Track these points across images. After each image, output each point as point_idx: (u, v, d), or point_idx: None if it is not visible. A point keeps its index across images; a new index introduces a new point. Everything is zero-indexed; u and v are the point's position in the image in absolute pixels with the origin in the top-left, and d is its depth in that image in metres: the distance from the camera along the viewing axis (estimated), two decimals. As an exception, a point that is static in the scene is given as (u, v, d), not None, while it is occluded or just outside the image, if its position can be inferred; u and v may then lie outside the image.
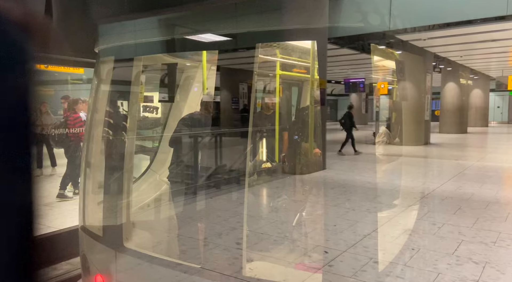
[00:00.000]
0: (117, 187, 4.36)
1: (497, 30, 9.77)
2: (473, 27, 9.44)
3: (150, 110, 6.94)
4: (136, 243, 3.56)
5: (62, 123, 5.80)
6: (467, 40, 11.51)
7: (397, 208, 4.82)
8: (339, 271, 2.97)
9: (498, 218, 4.37)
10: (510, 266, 3.04)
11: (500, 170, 7.95)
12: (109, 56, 4.29)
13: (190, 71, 5.70)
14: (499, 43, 11.83)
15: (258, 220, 4.46)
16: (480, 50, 13.39)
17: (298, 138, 7.24)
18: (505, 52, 13.83)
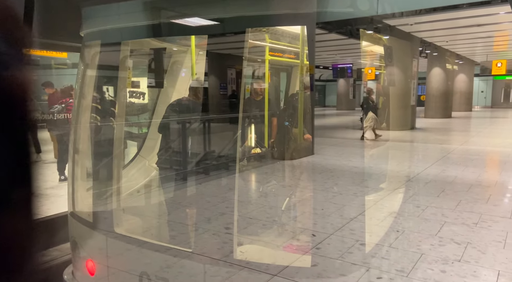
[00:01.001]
0: (107, 173, 4.30)
1: (482, 15, 9.85)
2: (459, 11, 9.50)
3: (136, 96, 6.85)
4: (127, 229, 3.58)
5: (63, 109, 5.83)
6: (453, 25, 11.60)
7: (383, 191, 4.93)
8: (326, 253, 3.05)
9: (480, 200, 4.51)
10: (491, 246, 3.16)
11: (482, 154, 8.16)
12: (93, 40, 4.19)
13: (178, 56, 5.61)
14: (484, 28, 11.95)
15: (247, 205, 4.50)
16: (466, 35, 13.52)
17: (288, 123, 7.28)
18: (489, 37, 13.99)
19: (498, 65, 18.09)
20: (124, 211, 4.01)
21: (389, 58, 12.76)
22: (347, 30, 12.59)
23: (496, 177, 5.95)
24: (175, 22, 6.81)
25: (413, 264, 2.83)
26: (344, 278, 2.64)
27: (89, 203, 4.05)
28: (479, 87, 28.24)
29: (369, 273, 2.70)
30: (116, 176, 4.12)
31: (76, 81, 4.17)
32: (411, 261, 2.87)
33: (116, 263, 3.13)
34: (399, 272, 2.70)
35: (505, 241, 3.25)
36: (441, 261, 2.86)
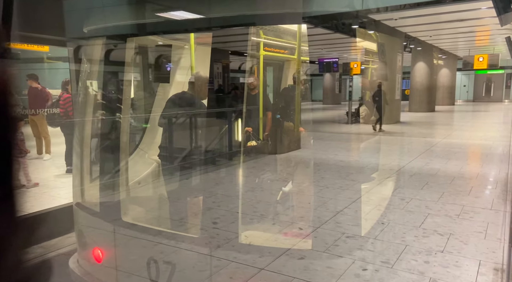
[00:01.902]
0: (113, 165, 4.46)
1: (464, 10, 10.02)
2: (442, 6, 9.64)
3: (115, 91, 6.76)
4: (133, 217, 3.63)
5: (55, 103, 5.79)
6: (436, 20, 11.76)
7: (368, 184, 5.00)
8: (313, 246, 3.08)
9: (462, 192, 4.62)
10: (473, 236, 3.25)
11: (464, 147, 8.35)
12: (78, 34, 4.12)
13: (176, 52, 5.60)
14: (466, 23, 12.16)
15: (234, 199, 4.51)
16: (448, 29, 13.73)
17: (281, 117, 7.36)
18: (471, 32, 14.25)
19: (480, 59, 18.46)
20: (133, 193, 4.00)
21: (383, 54, 12.98)
22: (333, 25, 12.63)
23: (478, 169, 6.10)
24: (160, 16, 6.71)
25: (398, 255, 2.89)
26: (331, 271, 2.67)
27: (96, 194, 4.21)
28: (461, 81, 28.79)
29: (355, 265, 2.75)
30: (120, 168, 4.35)
31: (80, 76, 4.25)
32: (395, 253, 2.93)
33: (123, 250, 3.22)
34: (384, 264, 2.75)
35: (486, 232, 3.34)
36: (425, 252, 2.93)
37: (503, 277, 2.52)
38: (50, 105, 5.99)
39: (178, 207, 4.31)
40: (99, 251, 3.05)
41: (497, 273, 2.60)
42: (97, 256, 3.02)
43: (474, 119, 15.25)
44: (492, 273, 2.61)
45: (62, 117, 5.79)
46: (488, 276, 2.56)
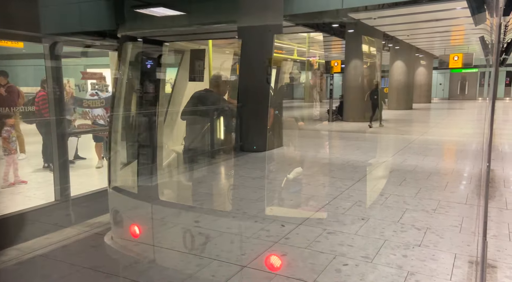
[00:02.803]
0: (149, 153, 5.22)
1: (440, 10, 10.29)
2: (419, 6, 9.88)
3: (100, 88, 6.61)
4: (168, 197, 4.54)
5: (30, 100, 5.62)
6: (413, 20, 12.04)
7: (349, 181, 5.08)
8: (295, 243, 3.11)
9: (438, 187, 4.76)
10: (448, 230, 3.36)
11: (440, 143, 8.59)
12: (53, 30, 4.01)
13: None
14: (442, 23, 12.50)
15: (217, 197, 4.50)
16: (425, 29, 14.08)
17: (279, 113, 7.65)
18: (447, 31, 14.65)
19: (455, 58, 19.01)
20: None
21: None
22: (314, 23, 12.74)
23: (453, 165, 6.29)
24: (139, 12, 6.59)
25: (377, 250, 2.95)
26: (312, 266, 2.71)
27: (133, 178, 5.06)
28: (437, 79, 29.58)
29: (336, 260, 2.79)
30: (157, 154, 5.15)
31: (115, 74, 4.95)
32: (375, 247, 2.99)
33: (158, 226, 3.61)
34: (364, 258, 2.81)
35: (461, 226, 3.46)
36: (403, 246, 3.01)
37: (478, 269, 2.62)
38: (21, 103, 5.81)
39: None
40: (134, 227, 3.59)
41: (472, 266, 2.70)
42: (133, 232, 3.52)
43: (450, 117, 15.71)
44: (467, 265, 2.71)
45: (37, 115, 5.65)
46: (463, 269, 2.66)
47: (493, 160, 6.30)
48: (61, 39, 4.02)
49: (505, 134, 9.50)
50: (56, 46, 3.94)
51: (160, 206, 4.12)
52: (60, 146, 4.13)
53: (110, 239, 3.25)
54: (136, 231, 3.52)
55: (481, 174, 5.05)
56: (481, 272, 2.29)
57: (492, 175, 5.38)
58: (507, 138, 8.84)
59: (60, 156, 4.14)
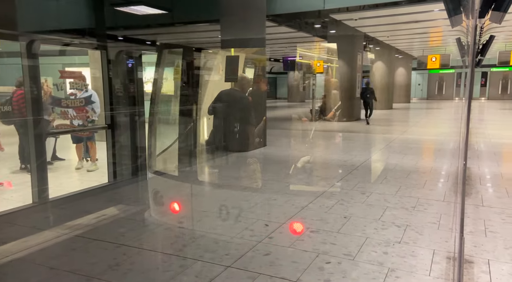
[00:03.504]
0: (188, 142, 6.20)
1: (419, 11, 10.53)
2: (398, 8, 10.08)
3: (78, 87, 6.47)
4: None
5: (8, 100, 5.42)
6: (393, 21, 12.27)
7: (331, 180, 5.14)
8: (279, 242, 3.13)
9: (417, 185, 4.88)
10: (427, 227, 3.44)
11: (419, 142, 8.80)
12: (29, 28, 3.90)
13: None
14: (421, 24, 12.79)
15: (200, 198, 4.48)
16: (405, 30, 14.38)
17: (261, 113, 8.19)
18: (426, 33, 15.01)
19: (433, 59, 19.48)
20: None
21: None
22: (296, 23, 12.82)
23: (431, 164, 6.45)
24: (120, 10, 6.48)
25: (359, 247, 3.00)
26: (296, 265, 2.73)
27: (173, 164, 5.98)
28: (416, 80, 30.26)
29: (319, 258, 2.82)
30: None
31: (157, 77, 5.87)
32: (357, 245, 3.04)
33: (195, 203, 4.22)
34: (346, 256, 2.85)
35: (439, 223, 3.55)
36: (384, 244, 3.07)
37: (455, 265, 2.70)
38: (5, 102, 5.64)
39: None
40: (174, 204, 4.29)
41: (450, 262, 2.78)
42: (172, 208, 4.17)
43: (428, 116, 16.09)
44: (445, 261, 2.78)
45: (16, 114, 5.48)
46: (442, 265, 2.73)
47: (470, 158, 6.50)
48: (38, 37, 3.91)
49: (480, 133, 9.81)
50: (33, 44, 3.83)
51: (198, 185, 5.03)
52: (38, 147, 4.03)
53: (149, 216, 3.79)
54: (176, 207, 4.23)
55: (458, 172, 5.20)
56: (458, 267, 2.36)
57: (468, 173, 5.55)
58: (482, 137, 9.13)
59: (37, 157, 4.03)
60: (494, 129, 10.93)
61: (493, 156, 6.89)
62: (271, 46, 18.08)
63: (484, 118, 14.44)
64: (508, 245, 3.04)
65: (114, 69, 5.01)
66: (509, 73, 27.95)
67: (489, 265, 2.71)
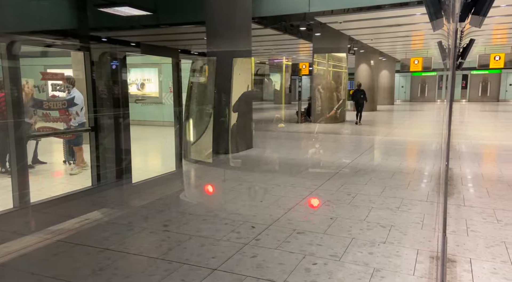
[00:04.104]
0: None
1: (401, 15, 10.73)
2: (382, 12, 10.25)
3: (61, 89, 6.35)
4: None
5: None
6: (377, 24, 12.47)
7: (317, 181, 5.17)
8: (265, 244, 3.13)
9: (401, 186, 4.96)
10: (411, 227, 3.50)
11: (403, 143, 8.94)
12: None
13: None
14: (404, 28, 13.03)
15: (186, 200, 4.44)
16: (388, 34, 14.62)
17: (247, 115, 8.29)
18: (408, 36, 15.29)
19: (415, 62, 19.88)
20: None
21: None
22: (282, 26, 12.89)
23: (415, 164, 6.57)
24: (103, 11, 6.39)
25: (345, 248, 3.02)
26: (282, 267, 2.73)
27: (207, 153, 6.72)
28: (399, 82, 30.80)
29: (306, 260, 2.83)
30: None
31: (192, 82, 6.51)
32: (343, 246, 3.07)
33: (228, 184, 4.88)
34: (332, 257, 2.87)
35: (422, 223, 3.61)
36: (369, 244, 3.10)
37: (438, 264, 2.75)
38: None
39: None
40: (208, 186, 5.14)
41: (433, 261, 2.83)
42: (207, 190, 5.02)
43: (411, 118, 16.38)
44: (428, 260, 2.83)
45: None
46: (425, 264, 2.78)
47: (451, 159, 6.64)
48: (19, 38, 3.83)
49: (461, 135, 10.04)
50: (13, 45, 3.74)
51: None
52: (19, 150, 3.93)
53: (184, 197, 4.20)
54: (209, 189, 5.04)
55: (440, 172, 5.31)
56: (441, 266, 2.40)
57: (450, 173, 5.67)
58: (463, 138, 9.34)
59: (18, 161, 3.93)
60: (474, 130, 11.21)
61: (474, 157, 7.06)
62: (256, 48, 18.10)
63: (465, 120, 14.79)
64: (489, 244, 3.11)
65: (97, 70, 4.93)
66: (488, 75, 28.75)
67: (471, 264, 2.77)
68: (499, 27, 13.51)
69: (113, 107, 5.10)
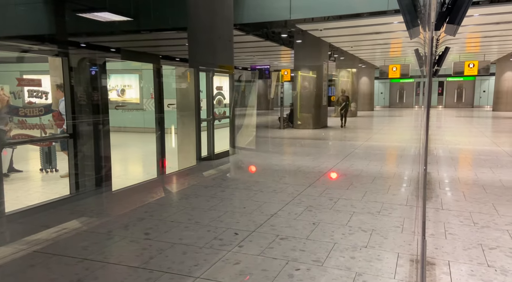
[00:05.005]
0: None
1: (380, 23, 11.01)
2: (361, 20, 10.49)
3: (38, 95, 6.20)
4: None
5: None
6: (356, 32, 12.74)
7: (300, 187, 5.20)
8: (248, 250, 3.11)
9: (381, 190, 5.04)
10: (392, 231, 3.55)
11: (383, 149, 9.11)
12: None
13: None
14: (382, 36, 13.35)
15: (168, 207, 4.38)
16: (367, 41, 14.95)
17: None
18: (386, 44, 15.67)
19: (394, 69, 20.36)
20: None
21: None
22: (264, 33, 12.99)
23: (394, 169, 6.69)
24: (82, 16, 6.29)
25: (327, 253, 3.04)
26: (266, 273, 2.72)
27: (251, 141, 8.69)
28: (378, 89, 31.46)
29: (289, 265, 2.84)
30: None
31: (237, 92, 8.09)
32: (325, 251, 3.09)
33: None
34: (315, 262, 2.88)
35: (402, 226, 3.68)
36: (351, 248, 3.13)
37: (418, 267, 2.80)
38: None
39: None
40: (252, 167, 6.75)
41: (413, 264, 2.88)
42: (251, 169, 6.62)
43: (390, 124, 16.72)
44: (409, 264, 2.88)
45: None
46: (406, 267, 2.82)
47: (429, 163, 6.81)
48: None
49: (438, 140, 10.31)
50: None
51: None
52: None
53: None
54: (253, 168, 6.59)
55: (419, 177, 5.43)
56: (421, 269, 2.45)
57: (428, 177, 5.81)
58: (440, 143, 9.60)
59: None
60: (451, 135, 11.54)
61: (451, 161, 7.26)
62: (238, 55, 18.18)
63: (441, 125, 15.20)
64: (466, 247, 3.20)
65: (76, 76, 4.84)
66: (463, 82, 29.73)
67: (450, 266, 2.84)
68: (472, 36, 14.03)
69: (92, 113, 5.01)
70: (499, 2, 8.77)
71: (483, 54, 19.94)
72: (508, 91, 22.50)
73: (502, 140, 10.38)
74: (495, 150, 8.49)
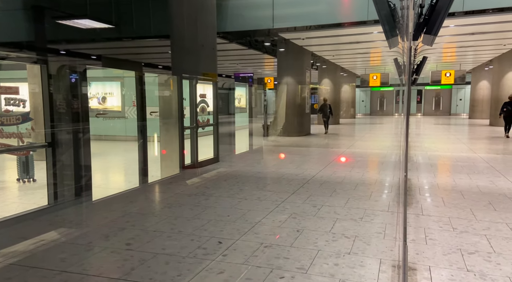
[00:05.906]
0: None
1: (360, 33, 11.26)
2: (341, 29, 10.71)
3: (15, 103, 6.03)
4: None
5: None
6: (337, 41, 12.98)
7: (283, 194, 5.22)
8: (232, 259, 3.09)
9: (364, 197, 5.10)
10: (374, 237, 3.60)
11: (365, 155, 9.25)
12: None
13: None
14: (362, 45, 13.65)
15: (150, 217, 4.31)
16: (348, 50, 15.25)
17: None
18: (367, 53, 16.02)
19: (374, 78, 20.79)
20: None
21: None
22: (247, 41, 13.08)
23: (376, 176, 6.80)
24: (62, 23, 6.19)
25: (311, 260, 3.05)
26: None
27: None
28: (360, 97, 32.03)
29: (273, 273, 2.83)
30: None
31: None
32: (309, 258, 3.09)
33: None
34: (299, 270, 2.89)
35: (384, 232, 3.73)
36: (335, 255, 3.15)
37: (400, 272, 2.83)
38: None
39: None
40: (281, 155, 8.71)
41: (395, 269, 2.92)
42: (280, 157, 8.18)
43: (372, 131, 17.01)
44: (391, 269, 2.92)
45: None
46: (388, 273, 2.86)
47: (410, 170, 6.94)
48: None
49: (418, 147, 10.55)
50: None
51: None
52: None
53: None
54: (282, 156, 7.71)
55: (399, 183, 5.53)
56: (403, 275, 2.48)
57: (409, 184, 5.92)
58: (420, 150, 9.82)
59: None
60: (430, 142, 11.82)
61: (430, 168, 7.42)
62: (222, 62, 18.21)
63: (420, 133, 15.56)
64: (446, 252, 3.26)
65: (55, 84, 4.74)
66: (441, 91, 30.61)
67: (430, 271, 2.89)
68: (449, 46, 14.51)
69: (72, 121, 4.91)
70: (473, 14, 9.13)
71: (459, 63, 20.62)
72: (483, 99, 23.28)
73: (478, 146, 10.71)
74: (472, 156, 8.75)
